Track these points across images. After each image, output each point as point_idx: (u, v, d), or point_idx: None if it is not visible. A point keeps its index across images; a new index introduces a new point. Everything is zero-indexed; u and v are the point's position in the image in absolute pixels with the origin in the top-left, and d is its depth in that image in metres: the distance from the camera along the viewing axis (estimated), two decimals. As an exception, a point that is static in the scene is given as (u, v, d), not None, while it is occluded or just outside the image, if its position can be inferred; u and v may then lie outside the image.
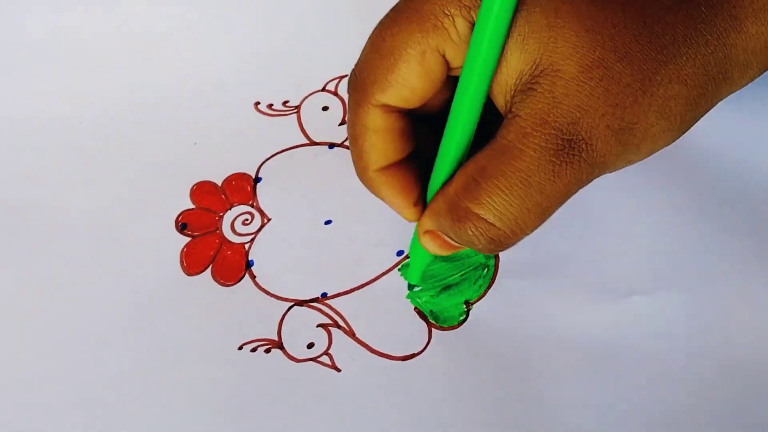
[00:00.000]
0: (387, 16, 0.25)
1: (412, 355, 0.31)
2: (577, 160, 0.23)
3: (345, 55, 0.32)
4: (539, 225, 0.24)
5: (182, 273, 0.33)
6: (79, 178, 0.35)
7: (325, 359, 0.31)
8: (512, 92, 0.24)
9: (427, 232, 0.27)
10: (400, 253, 0.33)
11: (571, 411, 0.29)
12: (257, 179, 0.35)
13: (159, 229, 0.34)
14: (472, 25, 0.23)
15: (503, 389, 0.30)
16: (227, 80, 0.38)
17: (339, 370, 0.30)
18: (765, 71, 0.26)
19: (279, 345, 0.31)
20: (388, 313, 0.32)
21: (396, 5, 0.25)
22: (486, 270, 0.33)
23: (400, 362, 0.31)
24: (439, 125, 0.26)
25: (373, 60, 0.25)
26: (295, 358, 0.31)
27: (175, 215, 0.34)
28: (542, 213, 0.24)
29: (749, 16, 0.24)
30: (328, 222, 0.34)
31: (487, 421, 0.29)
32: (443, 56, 0.24)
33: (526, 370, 0.30)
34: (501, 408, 0.29)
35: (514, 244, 0.25)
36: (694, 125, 0.26)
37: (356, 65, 0.26)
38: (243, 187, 0.35)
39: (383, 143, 0.26)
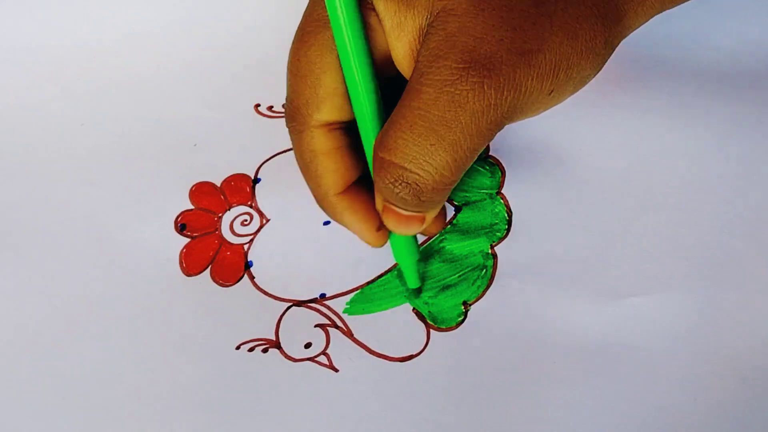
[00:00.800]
0: (294, 39, 0.25)
1: (411, 356, 0.31)
2: (479, 87, 0.22)
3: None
4: (457, 165, 0.23)
5: (181, 273, 0.33)
6: (78, 178, 0.35)
7: (322, 359, 0.31)
8: (416, 52, 0.24)
9: (383, 210, 0.26)
10: (398, 253, 0.33)
11: (569, 412, 0.29)
12: (256, 180, 0.36)
13: (158, 230, 0.34)
14: (373, 11, 0.24)
15: (502, 390, 0.30)
16: (227, 82, 0.38)
17: (337, 371, 0.30)
18: (665, 8, 0.26)
19: (276, 345, 0.31)
20: (387, 314, 0.32)
21: (299, 24, 0.25)
22: (484, 271, 0.33)
23: (398, 363, 0.31)
24: None
25: (297, 83, 0.25)
26: (293, 358, 0.31)
27: (175, 216, 0.35)
28: (452, 148, 0.23)
29: None
30: (326, 223, 0.34)
31: (485, 422, 0.29)
32: None
33: (524, 370, 0.30)
34: (499, 409, 0.29)
35: (437, 190, 0.24)
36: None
37: (286, 97, 0.26)
38: (242, 188, 0.35)
39: (334, 164, 0.26)
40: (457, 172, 0.24)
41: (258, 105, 0.38)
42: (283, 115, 0.37)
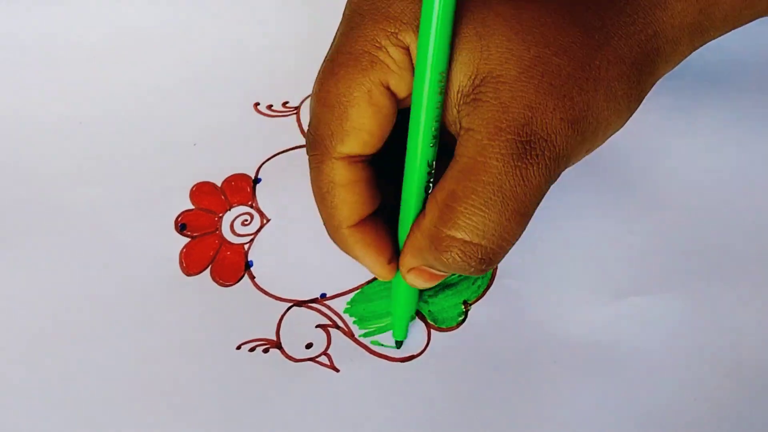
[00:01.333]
0: (323, 68, 0.25)
1: (412, 357, 0.31)
2: (541, 159, 0.23)
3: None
4: (522, 231, 0.24)
5: (181, 273, 0.33)
6: (78, 178, 0.35)
7: (323, 359, 0.31)
8: (457, 108, 0.24)
9: (411, 270, 0.27)
10: (399, 253, 0.33)
11: (570, 411, 0.29)
12: (257, 180, 0.36)
13: (158, 230, 0.34)
14: (405, 48, 0.24)
15: (502, 390, 0.30)
16: (227, 81, 0.38)
17: (338, 371, 0.30)
18: (695, 48, 0.27)
19: (277, 345, 0.31)
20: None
21: (328, 55, 0.25)
22: (485, 270, 0.33)
23: (399, 363, 0.31)
24: (398, 172, 0.26)
25: (323, 114, 0.25)
26: (294, 358, 0.31)
27: (175, 216, 0.35)
28: (522, 219, 0.24)
29: None
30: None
31: (485, 421, 0.29)
32: (388, 89, 0.24)
33: (525, 370, 0.30)
34: (500, 408, 0.29)
35: (503, 257, 0.25)
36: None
37: (309, 124, 0.26)
38: (242, 188, 0.35)
39: (352, 197, 0.26)
40: (519, 237, 0.25)
41: (257, 104, 0.38)
42: (282, 114, 0.37)
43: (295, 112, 0.37)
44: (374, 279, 0.33)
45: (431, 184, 0.25)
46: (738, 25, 0.27)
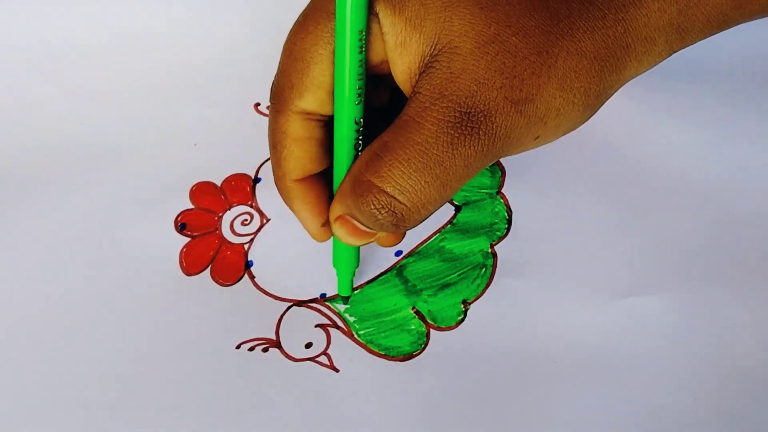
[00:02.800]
0: (297, 21, 0.26)
1: (410, 356, 0.31)
2: (476, 133, 0.23)
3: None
4: (441, 201, 0.25)
5: (181, 273, 0.33)
6: (78, 178, 0.35)
7: (323, 359, 0.31)
8: (417, 76, 0.24)
9: (337, 219, 0.27)
10: (398, 253, 0.33)
11: (569, 411, 0.29)
12: (257, 180, 0.36)
13: (158, 230, 0.34)
14: (375, 16, 0.24)
15: (501, 389, 0.30)
16: (227, 81, 0.38)
17: (337, 371, 0.31)
18: (674, 51, 0.26)
19: (277, 344, 0.31)
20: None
21: (304, 10, 0.25)
22: (484, 269, 0.33)
23: (398, 362, 0.31)
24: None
25: (287, 66, 0.25)
26: (294, 358, 0.31)
27: (175, 215, 0.35)
28: (442, 187, 0.24)
29: None
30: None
31: (485, 421, 0.29)
32: None
33: (524, 369, 0.30)
34: (499, 407, 0.29)
35: (417, 221, 0.25)
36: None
37: (276, 74, 0.26)
38: (242, 188, 0.35)
39: (301, 152, 0.27)
40: (438, 207, 0.25)
41: (258, 104, 0.38)
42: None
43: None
44: (373, 279, 0.33)
45: (360, 142, 0.26)
46: (726, 27, 0.27)
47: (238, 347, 0.31)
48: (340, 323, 0.32)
